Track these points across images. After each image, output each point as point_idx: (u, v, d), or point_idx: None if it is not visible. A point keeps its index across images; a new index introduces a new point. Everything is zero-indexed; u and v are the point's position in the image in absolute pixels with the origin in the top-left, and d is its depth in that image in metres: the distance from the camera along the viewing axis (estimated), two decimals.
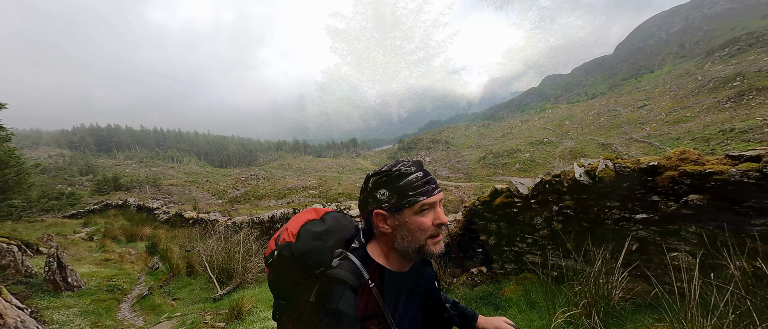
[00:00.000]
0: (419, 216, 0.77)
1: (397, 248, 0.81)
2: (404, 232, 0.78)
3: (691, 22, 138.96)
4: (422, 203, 0.76)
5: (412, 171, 0.78)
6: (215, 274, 5.18)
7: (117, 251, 8.77)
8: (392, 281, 0.81)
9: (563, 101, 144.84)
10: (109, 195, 36.64)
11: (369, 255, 0.83)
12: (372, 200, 0.80)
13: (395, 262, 0.83)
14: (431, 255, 0.80)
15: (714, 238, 1.83)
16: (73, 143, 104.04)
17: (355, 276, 0.77)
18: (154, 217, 15.16)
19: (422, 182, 0.78)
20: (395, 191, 0.77)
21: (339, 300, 0.73)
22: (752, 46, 73.84)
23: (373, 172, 0.83)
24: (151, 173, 69.54)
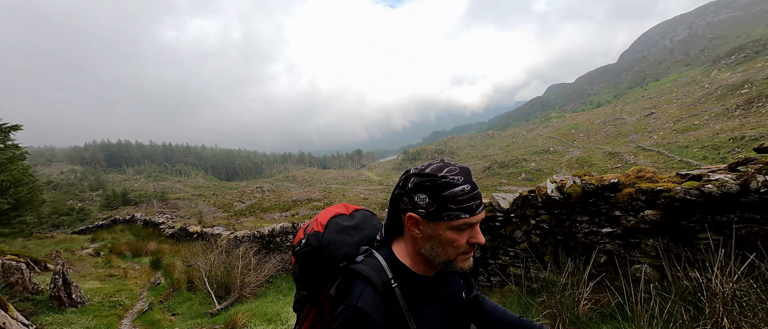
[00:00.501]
0: (455, 232, 0.72)
1: (422, 253, 0.77)
2: (435, 243, 0.74)
3: (695, 30, 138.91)
4: (463, 221, 0.71)
5: (460, 182, 0.71)
6: (213, 289, 5.30)
7: (122, 266, 8.95)
8: (416, 284, 0.78)
9: (568, 109, 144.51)
10: (118, 210, 37.28)
11: (394, 254, 0.80)
12: (408, 200, 0.75)
13: (420, 265, 0.80)
14: (459, 270, 0.76)
15: (668, 251, 1.92)
16: (85, 159, 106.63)
17: (378, 274, 0.74)
18: (160, 232, 15.40)
19: (467, 197, 0.71)
20: (437, 200, 0.71)
21: (359, 296, 0.70)
22: (759, 53, 73.29)
23: (415, 170, 0.77)
24: (159, 188, 70.67)
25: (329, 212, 0.92)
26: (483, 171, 66.18)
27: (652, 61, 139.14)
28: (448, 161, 0.77)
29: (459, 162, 8.53)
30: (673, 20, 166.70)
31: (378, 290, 0.72)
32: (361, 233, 0.89)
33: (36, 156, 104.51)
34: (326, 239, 0.83)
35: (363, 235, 0.88)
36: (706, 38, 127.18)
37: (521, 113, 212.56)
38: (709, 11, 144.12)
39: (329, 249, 0.82)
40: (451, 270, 0.76)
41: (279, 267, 7.40)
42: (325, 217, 0.89)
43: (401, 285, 0.76)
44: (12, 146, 11.12)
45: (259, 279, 6.15)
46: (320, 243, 0.82)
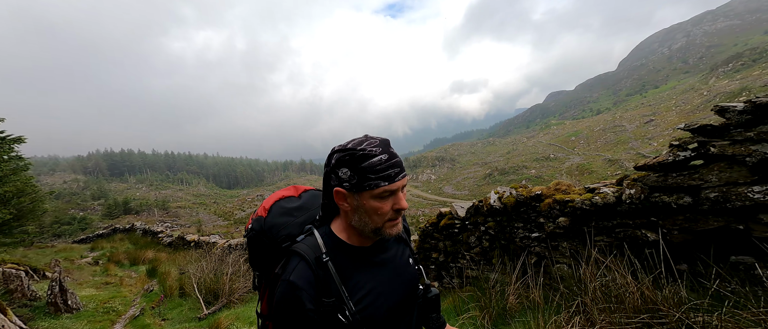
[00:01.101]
0: (378, 201, 0.75)
1: (354, 225, 0.80)
2: (362, 213, 0.77)
3: (692, 38, 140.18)
4: (383, 189, 0.74)
5: (377, 153, 0.75)
6: (202, 295, 5.57)
7: (119, 274, 9.21)
8: (352, 255, 0.82)
9: (568, 117, 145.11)
10: (119, 219, 37.58)
11: (332, 230, 0.84)
12: (334, 177, 0.78)
13: (356, 238, 0.83)
14: (387, 236, 0.80)
15: (576, 251, 2.23)
16: (88, 168, 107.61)
17: (313, 250, 0.78)
18: (158, 240, 15.67)
19: (385, 166, 0.74)
20: (357, 172, 0.74)
21: (292, 271, 0.75)
22: (756, 61, 73.87)
23: (337, 147, 0.80)
24: (161, 196, 71.07)
25: (275, 196, 0.97)
26: (484, 178, 66.31)
27: (651, 69, 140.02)
28: (369, 136, 0.80)
29: (460, 169, 8.93)
30: (670, 28, 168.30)
31: (309, 264, 0.75)
32: (306, 214, 0.93)
33: (39, 166, 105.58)
34: (268, 222, 0.89)
35: (308, 215, 0.92)
36: (703, 46, 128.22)
37: (522, 120, 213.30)
38: (706, 20, 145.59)
39: (272, 231, 0.87)
40: (381, 237, 0.80)
41: None
42: (269, 201, 0.95)
43: (335, 258, 0.79)
44: (15, 157, 11.52)
45: (247, 284, 6.41)
46: (262, 227, 0.88)
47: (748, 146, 1.69)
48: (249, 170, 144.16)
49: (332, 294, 0.76)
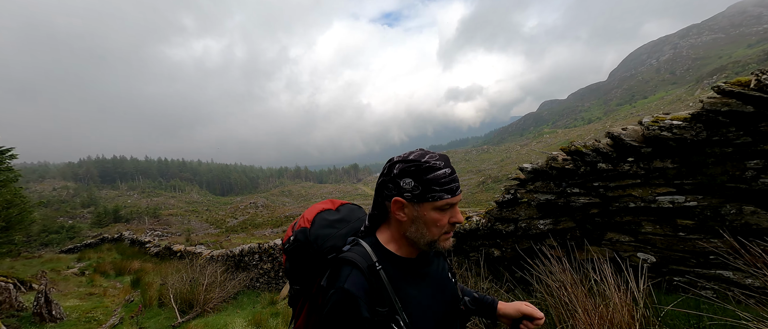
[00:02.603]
0: (438, 212, 0.77)
1: (408, 236, 0.81)
2: (420, 224, 0.78)
3: (679, 51, 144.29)
4: (446, 201, 0.76)
5: (441, 166, 0.77)
6: (178, 304, 5.98)
7: (104, 285, 9.51)
8: (401, 266, 0.82)
9: (561, 125, 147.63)
10: (108, 227, 37.36)
11: (378, 240, 0.84)
12: (393, 186, 0.80)
13: (405, 249, 0.84)
14: (441, 249, 0.81)
15: (461, 265, 2.86)
16: (79, 175, 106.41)
17: (364, 259, 0.78)
18: (146, 250, 15.87)
19: (449, 180, 0.77)
20: (421, 182, 0.76)
21: (345, 279, 0.74)
22: (739, 74, 76.50)
23: (399, 158, 0.81)
24: (152, 204, 70.52)
25: (315, 209, 0.98)
26: (478, 186, 67.11)
27: (640, 80, 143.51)
28: (426, 150, 0.82)
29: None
30: (658, 41, 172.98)
31: (363, 272, 0.76)
32: (347, 226, 0.93)
33: (29, 173, 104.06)
34: (313, 233, 0.89)
35: (350, 227, 0.93)
36: (690, 59, 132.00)
37: (516, 129, 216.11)
38: (692, 33, 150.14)
39: (317, 242, 0.87)
40: (435, 249, 0.81)
41: (245, 284, 8.06)
42: (311, 213, 0.95)
43: (386, 267, 0.80)
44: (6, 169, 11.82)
45: (222, 295, 6.82)
46: (307, 238, 0.88)
47: (533, 193, 2.31)
48: (243, 177, 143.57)
49: (385, 303, 0.76)
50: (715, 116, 1.73)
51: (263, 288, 7.85)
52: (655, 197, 2.05)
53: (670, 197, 1.99)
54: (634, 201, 2.15)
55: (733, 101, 1.67)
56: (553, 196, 2.57)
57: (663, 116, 2.02)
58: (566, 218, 2.57)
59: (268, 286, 7.83)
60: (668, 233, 2.04)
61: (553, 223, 2.60)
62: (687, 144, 1.86)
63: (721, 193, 1.83)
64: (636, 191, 2.14)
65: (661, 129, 1.94)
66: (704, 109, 1.79)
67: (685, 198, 1.95)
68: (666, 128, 1.91)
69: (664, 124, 1.94)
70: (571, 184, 2.47)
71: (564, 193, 2.52)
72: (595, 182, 2.36)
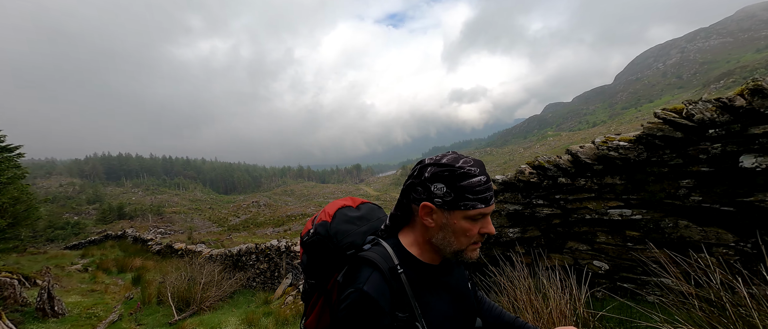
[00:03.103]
0: (469, 222, 0.74)
1: (433, 242, 0.78)
2: (448, 232, 0.75)
3: (686, 54, 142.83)
4: (479, 211, 0.73)
5: (476, 173, 0.73)
6: (175, 302, 6.20)
7: (105, 282, 9.78)
8: (423, 272, 0.79)
9: (565, 128, 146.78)
10: (113, 224, 37.90)
11: (400, 242, 0.81)
12: (423, 189, 0.76)
13: (427, 254, 0.81)
14: (467, 259, 0.78)
15: None
16: (85, 171, 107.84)
17: (385, 261, 0.76)
18: (148, 248, 16.19)
19: (484, 188, 0.73)
20: (455, 189, 0.72)
21: (365, 281, 0.72)
22: (746, 78, 75.55)
23: (431, 160, 0.77)
24: (157, 201, 71.31)
25: (336, 204, 0.95)
26: None
27: (646, 84, 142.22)
28: (460, 154, 0.78)
29: None
30: (665, 44, 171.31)
31: (384, 275, 0.73)
32: (367, 224, 0.91)
33: (36, 169, 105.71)
34: (334, 228, 0.86)
35: (370, 226, 0.91)
36: (697, 62, 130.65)
37: (519, 131, 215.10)
38: (700, 37, 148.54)
39: (337, 237, 0.85)
40: (461, 259, 0.78)
41: (241, 283, 8.27)
42: (332, 208, 0.93)
43: (407, 271, 0.77)
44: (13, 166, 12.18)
45: (219, 294, 7.03)
46: (328, 232, 0.85)
47: (503, 204, 2.46)
48: (246, 176, 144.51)
49: (405, 308, 0.73)
50: (653, 139, 1.89)
51: (259, 288, 8.06)
52: (607, 210, 2.21)
53: (619, 210, 2.15)
54: (590, 213, 2.31)
55: (667, 127, 1.83)
56: (520, 206, 2.74)
57: (613, 137, 2.17)
58: (532, 227, 2.73)
59: (264, 286, 8.03)
60: (619, 243, 2.20)
61: (521, 231, 2.77)
62: (631, 163, 2.02)
63: (661, 208, 1.98)
64: (591, 204, 2.30)
65: (609, 149, 2.10)
66: (644, 132, 1.95)
67: (631, 212, 2.10)
68: (613, 148, 2.07)
69: (612, 144, 2.10)
70: (536, 196, 2.63)
71: (530, 204, 2.68)
72: (556, 194, 2.52)
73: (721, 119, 1.71)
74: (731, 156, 1.77)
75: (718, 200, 1.86)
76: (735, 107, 1.72)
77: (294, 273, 7.06)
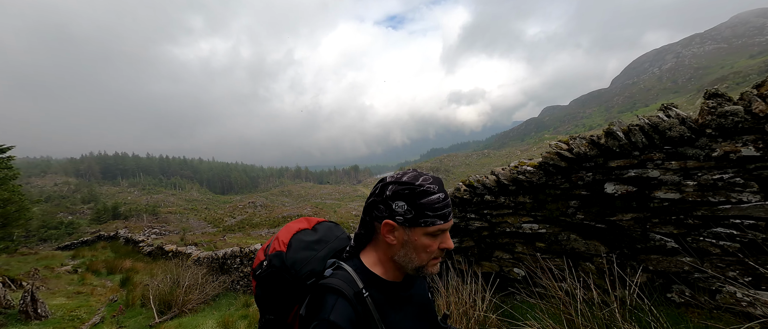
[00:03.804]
0: (429, 238, 0.75)
1: (395, 259, 0.78)
2: (409, 249, 0.76)
3: (681, 60, 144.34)
4: (438, 227, 0.74)
5: (435, 191, 0.74)
6: (157, 305, 6.41)
7: (94, 284, 9.96)
8: (387, 291, 0.79)
9: (562, 131, 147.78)
10: (107, 224, 37.89)
11: (364, 263, 0.80)
12: (384, 207, 0.76)
13: (391, 272, 0.81)
14: (429, 274, 0.79)
15: None
16: (80, 170, 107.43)
17: (349, 285, 0.74)
18: (139, 250, 16.35)
19: (442, 205, 0.74)
20: (415, 207, 0.73)
21: (331, 310, 0.69)
22: (740, 84, 76.61)
23: (392, 178, 0.78)
24: (152, 201, 71.20)
25: (290, 230, 0.89)
26: None
27: (642, 88, 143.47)
28: (420, 171, 0.79)
29: (454, 181, 10.51)
30: (661, 49, 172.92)
31: (350, 301, 0.71)
32: (326, 247, 0.87)
33: (31, 167, 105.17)
34: (290, 258, 0.81)
35: (329, 248, 0.87)
36: (692, 68, 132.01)
37: (517, 133, 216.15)
38: (695, 42, 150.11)
39: (295, 268, 0.80)
40: (422, 274, 0.79)
41: (226, 285, 8.49)
42: (286, 235, 0.87)
43: (372, 293, 0.76)
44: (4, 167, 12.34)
45: (201, 296, 7.25)
46: (284, 263, 0.80)
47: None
48: (244, 176, 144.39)
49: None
50: (548, 166, 2.18)
51: (243, 291, 8.28)
52: (521, 224, 2.49)
53: (530, 225, 2.44)
54: (509, 227, 2.59)
55: (556, 157, 2.12)
56: (457, 220, 3.01)
57: (524, 162, 2.46)
58: (468, 238, 3.00)
59: (247, 289, 8.26)
60: (532, 252, 2.48)
61: (459, 242, 3.04)
62: (535, 185, 2.31)
63: (558, 224, 2.29)
64: (510, 219, 2.58)
65: (519, 173, 2.38)
66: (543, 160, 2.24)
67: (538, 226, 2.40)
68: (522, 172, 2.36)
69: (521, 169, 2.38)
70: (470, 210, 2.89)
71: (465, 217, 2.96)
72: (484, 209, 2.79)
73: (591, 153, 2.06)
74: (599, 183, 2.13)
75: (594, 218, 2.20)
76: (600, 144, 2.09)
77: None
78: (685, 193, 1.85)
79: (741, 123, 1.70)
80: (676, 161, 1.88)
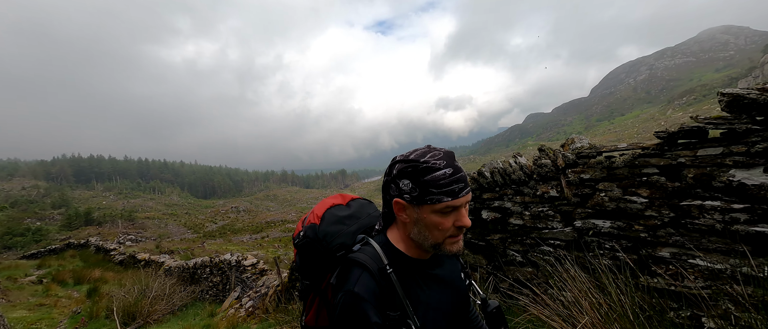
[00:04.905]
0: (439, 216, 0.73)
1: (412, 238, 0.79)
2: (421, 226, 0.75)
3: (654, 72, 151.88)
4: (446, 204, 0.72)
5: (441, 166, 0.72)
6: (121, 316, 6.42)
7: (59, 295, 9.72)
8: (412, 268, 0.80)
9: (544, 138, 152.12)
10: (79, 230, 36.33)
11: (389, 240, 0.83)
12: (395, 186, 0.77)
13: (414, 250, 0.81)
14: (448, 253, 0.77)
15: None
16: (51, 174, 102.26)
17: (374, 261, 0.77)
18: (110, 258, 15.90)
19: (449, 180, 0.71)
20: (418, 184, 0.72)
21: (355, 282, 0.73)
22: (706, 96, 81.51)
23: (399, 157, 0.78)
24: (129, 206, 68.62)
25: (325, 204, 0.96)
26: None
27: (619, 98, 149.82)
28: (433, 147, 0.78)
29: None
30: (636, 61, 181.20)
31: (373, 275, 0.74)
32: (357, 222, 0.92)
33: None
34: (322, 230, 0.87)
35: (360, 224, 0.92)
36: (664, 79, 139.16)
37: (502, 139, 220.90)
38: (667, 55, 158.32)
39: (326, 240, 0.86)
40: (441, 252, 0.78)
41: (194, 296, 8.52)
42: (321, 209, 0.93)
43: (396, 269, 0.78)
44: None
45: (168, 307, 7.29)
46: (316, 235, 0.87)
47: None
48: (227, 180, 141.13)
49: (396, 307, 0.74)
50: None
51: (211, 300, 8.33)
52: None
53: None
54: None
55: None
56: None
57: None
58: None
59: (215, 298, 8.31)
60: None
61: None
62: None
63: None
64: None
65: None
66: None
67: None
68: None
69: None
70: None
71: None
72: None
73: (472, 186, 2.57)
74: (479, 210, 2.80)
75: (477, 237, 2.84)
76: (476, 179, 2.72)
77: (241, 287, 7.40)
78: (525, 220, 2.48)
79: (549, 172, 2.32)
80: (519, 197, 2.52)
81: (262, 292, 6.14)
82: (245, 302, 6.32)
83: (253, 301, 6.10)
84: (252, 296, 6.39)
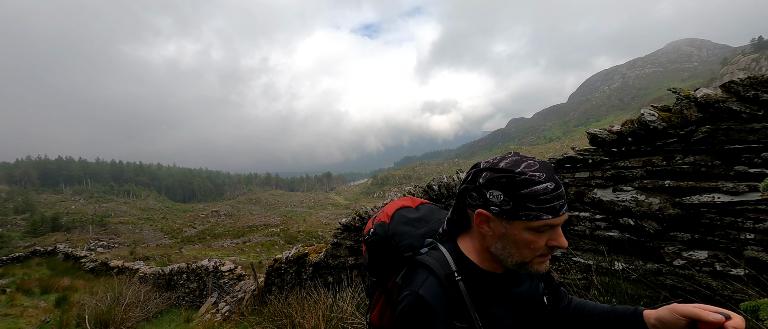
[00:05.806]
0: (533, 234, 0.66)
1: (492, 252, 0.73)
2: (508, 242, 0.69)
3: (626, 80, 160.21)
4: (545, 222, 0.65)
5: (541, 180, 0.65)
6: (92, 324, 6.40)
7: (24, 305, 9.42)
8: (483, 281, 0.75)
9: (526, 142, 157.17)
10: (45, 237, 34.52)
11: (460, 248, 0.78)
12: (478, 195, 0.70)
13: (488, 263, 0.76)
14: (534, 272, 0.71)
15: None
16: (14, 177, 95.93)
17: (442, 266, 0.73)
18: (80, 266, 15.36)
19: (551, 197, 0.64)
20: (514, 198, 0.65)
21: (421, 284, 0.70)
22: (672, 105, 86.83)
23: (488, 164, 0.70)
24: (101, 210, 65.47)
25: (395, 205, 0.96)
26: None
27: (594, 104, 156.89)
28: (524, 156, 0.70)
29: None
30: (610, 70, 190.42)
31: (441, 281, 0.70)
32: (426, 226, 0.90)
33: None
34: (391, 229, 0.87)
35: (428, 228, 0.89)
36: (636, 88, 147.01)
37: (486, 143, 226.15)
38: (638, 65, 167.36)
39: (394, 239, 0.85)
40: (525, 271, 0.72)
41: (170, 302, 8.51)
42: (391, 208, 0.94)
43: (466, 279, 0.73)
44: None
45: (142, 314, 7.28)
46: (386, 233, 0.86)
47: (346, 240, 3.41)
48: (208, 183, 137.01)
49: (464, 318, 0.70)
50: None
51: (187, 307, 8.34)
52: None
53: None
54: None
55: None
56: (353, 242, 3.69)
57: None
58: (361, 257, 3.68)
59: (192, 304, 8.33)
60: None
61: (355, 259, 3.71)
62: None
63: None
64: None
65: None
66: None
67: None
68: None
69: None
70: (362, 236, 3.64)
71: (358, 240, 3.65)
72: None
73: (424, 197, 2.90)
74: None
75: None
76: (427, 191, 3.04)
77: (218, 293, 7.50)
78: None
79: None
80: None
81: (239, 297, 6.30)
82: (222, 307, 6.45)
83: (229, 306, 6.25)
84: (229, 301, 6.53)
